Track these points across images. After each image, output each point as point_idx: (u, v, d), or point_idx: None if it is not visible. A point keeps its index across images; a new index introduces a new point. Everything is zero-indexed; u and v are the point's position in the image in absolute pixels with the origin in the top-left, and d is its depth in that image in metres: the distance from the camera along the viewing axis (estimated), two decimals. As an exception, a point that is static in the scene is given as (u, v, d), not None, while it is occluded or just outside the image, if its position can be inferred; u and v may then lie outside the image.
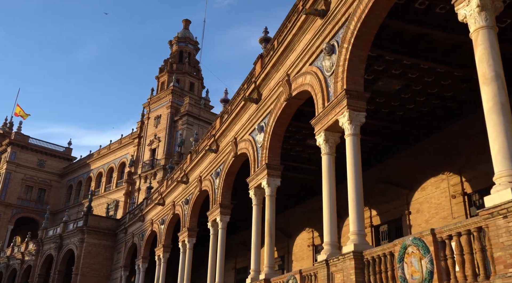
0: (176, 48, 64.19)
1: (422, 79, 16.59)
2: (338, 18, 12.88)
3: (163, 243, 32.04)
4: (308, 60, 14.71)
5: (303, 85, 14.87)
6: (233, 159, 21.53)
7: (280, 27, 17.52)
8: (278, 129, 17.21)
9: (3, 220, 71.48)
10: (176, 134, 56.46)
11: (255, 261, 17.58)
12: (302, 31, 15.06)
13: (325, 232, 12.31)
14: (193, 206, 27.32)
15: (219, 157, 23.69)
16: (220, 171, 23.14)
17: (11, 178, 73.17)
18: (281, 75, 16.72)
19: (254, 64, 20.00)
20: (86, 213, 44.73)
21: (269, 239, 16.42)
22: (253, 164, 18.57)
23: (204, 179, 25.77)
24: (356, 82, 12.05)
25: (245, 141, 20.03)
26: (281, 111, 16.65)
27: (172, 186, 31.44)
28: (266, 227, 16.69)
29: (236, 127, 21.53)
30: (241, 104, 20.29)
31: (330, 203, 12.43)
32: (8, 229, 71.97)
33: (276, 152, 17.37)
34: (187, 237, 27.23)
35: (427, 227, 20.27)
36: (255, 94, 18.83)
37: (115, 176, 65.33)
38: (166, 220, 32.30)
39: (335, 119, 12.33)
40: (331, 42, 13.24)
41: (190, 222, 27.37)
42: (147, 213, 37.40)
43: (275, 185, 17.04)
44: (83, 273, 42.25)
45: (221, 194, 22.46)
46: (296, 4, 16.22)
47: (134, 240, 39.78)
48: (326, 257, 11.65)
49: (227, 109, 23.46)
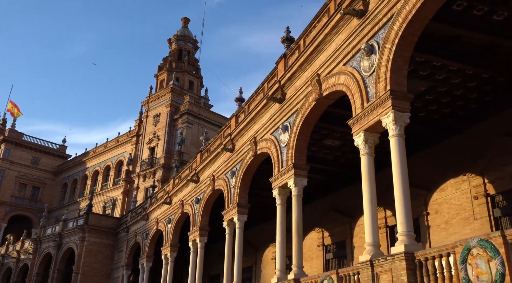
0: (175, 46, 63.90)
1: (449, 80, 16.67)
2: (378, 19, 12.88)
3: (171, 242, 31.88)
4: (342, 60, 14.70)
5: (336, 85, 14.86)
6: (251, 159, 21.48)
7: (307, 27, 17.50)
8: (305, 128, 17.20)
9: (-3, 218, 70.74)
10: (175, 133, 56.21)
11: (280, 261, 17.54)
12: (335, 31, 15.05)
13: (367, 232, 12.30)
14: (205, 205, 27.22)
15: (235, 156, 23.61)
16: (237, 170, 23.07)
17: (4, 176, 72.39)
18: (310, 75, 16.70)
19: (276, 63, 19.97)
20: (87, 212, 44.40)
21: (297, 239, 16.41)
22: (277, 163, 18.53)
23: (217, 178, 25.68)
24: (400, 82, 12.07)
25: (266, 140, 19.98)
26: (309, 111, 16.64)
27: (181, 185, 31.29)
28: (293, 226, 16.67)
29: (255, 126, 21.47)
30: (262, 104, 20.24)
31: (372, 204, 12.43)
32: (1, 227, 71.21)
33: (302, 152, 17.35)
34: (199, 236, 27.13)
35: (446, 227, 20.41)
36: (278, 94, 18.79)
37: (112, 174, 64.88)
38: (174, 219, 32.14)
39: (377, 119, 12.33)
40: (369, 42, 13.24)
41: (201, 221, 27.26)
42: (151, 212, 37.19)
43: (302, 185, 17.03)
44: (83, 272, 41.92)
45: (238, 193, 22.40)
46: (326, 4, 16.22)
47: (137, 239, 39.54)
48: (370, 257, 11.63)
49: (244, 108, 23.39)
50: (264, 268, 34.57)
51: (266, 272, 34.07)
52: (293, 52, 18.62)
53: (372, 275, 11.36)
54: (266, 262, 34.08)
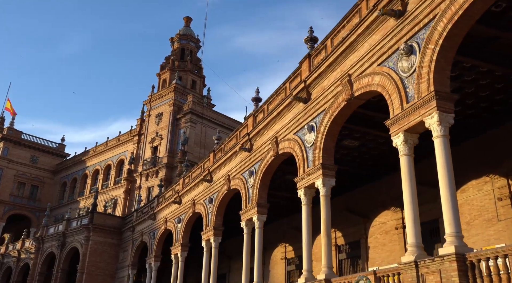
0: (177, 45, 63.69)
1: (477, 82, 16.68)
2: (419, 19, 12.87)
3: (181, 241, 31.76)
4: (377, 60, 14.68)
5: (369, 85, 14.83)
6: (272, 158, 21.43)
7: (335, 27, 17.48)
8: (333, 129, 17.17)
9: (-5, 217, 70.22)
10: (178, 132, 56.03)
11: (307, 261, 17.49)
12: (369, 32, 15.03)
13: (410, 233, 12.26)
14: (219, 204, 27.14)
15: (253, 156, 23.55)
16: (256, 170, 23.00)
17: (3, 174, 71.93)
18: (339, 75, 16.67)
19: (299, 63, 19.93)
20: (91, 211, 44.15)
21: (326, 239, 16.37)
22: (302, 163, 18.49)
23: (233, 178, 25.60)
24: (443, 83, 12.06)
25: (289, 140, 19.93)
26: (338, 111, 16.61)
27: (192, 185, 31.17)
28: (322, 227, 16.64)
29: (276, 126, 21.42)
30: (285, 103, 20.18)
31: (414, 205, 12.39)
32: (0, 226, 70.67)
33: (330, 152, 17.33)
34: (213, 235, 27.05)
35: (468, 229, 20.43)
36: (304, 94, 18.75)
37: (113, 173, 64.59)
38: (184, 218, 32.02)
39: (419, 120, 12.31)
40: (408, 42, 13.22)
41: (215, 221, 27.18)
42: (159, 211, 37.04)
43: (330, 185, 17.00)
44: (88, 272, 41.68)
45: (257, 193, 22.35)
46: (357, 4, 16.19)
47: (144, 239, 39.37)
48: (414, 258, 11.60)
49: (263, 108, 23.33)
50: (272, 268, 34.53)
51: (275, 272, 34.05)
52: (318, 52, 18.59)
53: (416, 276, 11.33)
54: (275, 262, 34.04)
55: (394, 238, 24.29)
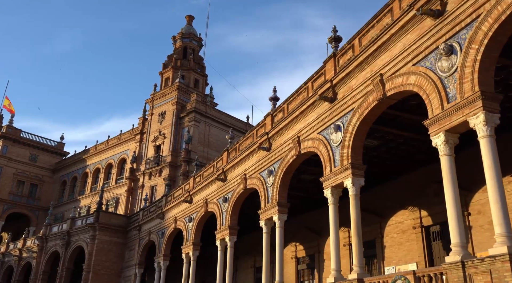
0: (180, 43, 63.50)
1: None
2: (461, 19, 12.87)
3: (193, 240, 31.68)
4: (412, 60, 14.67)
5: (404, 85, 14.82)
6: (294, 158, 21.39)
7: (363, 27, 17.46)
8: (362, 128, 17.17)
9: (-5, 216, 69.75)
10: (182, 131, 55.86)
11: (335, 261, 17.47)
12: (403, 31, 15.02)
13: (454, 234, 12.24)
14: (234, 204, 27.09)
15: (272, 155, 23.50)
16: (275, 169, 22.96)
17: (2, 173, 71.53)
18: (369, 75, 16.65)
19: (324, 63, 19.90)
20: (97, 209, 43.92)
21: (357, 239, 16.37)
22: (328, 163, 18.47)
23: (250, 177, 25.55)
24: (487, 83, 12.07)
25: (313, 139, 19.90)
26: (368, 111, 16.59)
27: (204, 184, 31.08)
28: (352, 227, 16.64)
29: (298, 125, 21.38)
30: (309, 103, 20.15)
31: (457, 206, 12.39)
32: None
33: (359, 152, 17.32)
34: (228, 235, 26.99)
35: (491, 228, 20.45)
36: (329, 93, 18.72)
37: (115, 172, 64.34)
38: (196, 218, 31.93)
39: (463, 120, 12.31)
40: (448, 42, 13.22)
41: (231, 220, 27.13)
42: (168, 210, 36.91)
43: (359, 184, 17.01)
44: (95, 271, 41.50)
45: (278, 192, 22.31)
46: (388, 3, 16.18)
47: (151, 238, 39.22)
48: (461, 258, 11.60)
49: (282, 107, 23.29)
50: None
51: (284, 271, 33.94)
52: (345, 51, 18.57)
53: (464, 276, 11.33)
54: (285, 261, 33.89)
55: (412, 237, 24.32)
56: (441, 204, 22.47)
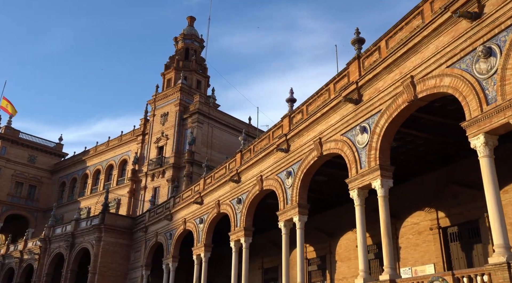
0: (182, 45, 63.43)
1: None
2: (500, 21, 12.98)
3: (204, 242, 31.64)
4: (446, 62, 14.77)
5: (437, 87, 14.91)
6: (315, 159, 21.45)
7: (391, 29, 17.56)
8: (390, 130, 17.25)
9: (-7, 218, 69.24)
10: (185, 132, 55.76)
11: (363, 262, 17.53)
12: (436, 33, 15.11)
13: (496, 234, 12.32)
14: (249, 205, 27.10)
15: (291, 157, 23.53)
16: (294, 171, 23.00)
17: (1, 174, 71.16)
18: (398, 77, 16.75)
19: (347, 64, 19.99)
20: (102, 211, 43.73)
21: (387, 240, 16.45)
22: (354, 164, 18.54)
23: (266, 178, 25.58)
24: (531, 85, 12.17)
25: (336, 141, 19.97)
26: (397, 113, 16.67)
27: (216, 185, 31.05)
28: (382, 228, 16.71)
29: (319, 127, 21.43)
30: (332, 104, 20.21)
31: (498, 206, 12.46)
32: (-2, 226, 69.78)
33: (386, 154, 17.40)
34: (244, 236, 27.00)
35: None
36: (355, 95, 18.79)
37: (116, 173, 64.10)
38: (207, 219, 31.90)
39: (505, 121, 12.41)
40: (487, 44, 13.32)
41: (246, 222, 27.14)
42: (176, 212, 36.83)
43: (388, 186, 17.10)
44: (101, 272, 41.29)
45: (298, 193, 22.34)
46: (418, 6, 16.29)
47: (158, 239, 39.12)
48: (506, 259, 11.68)
49: (301, 109, 23.34)
50: (291, 268, 34.39)
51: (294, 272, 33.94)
52: (370, 53, 18.66)
53: (510, 277, 11.41)
54: (294, 263, 33.94)
55: (429, 238, 24.41)
56: (459, 205, 22.77)
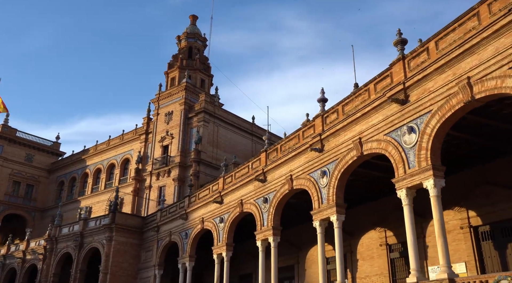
0: (185, 43, 63.23)
1: None
2: None
3: (226, 241, 31.65)
4: (508, 63, 15.00)
5: (498, 88, 15.16)
6: (354, 159, 21.62)
7: (441, 31, 17.76)
8: (442, 130, 17.47)
9: (-10, 218, 68.39)
10: (190, 131, 55.63)
11: (415, 261, 17.75)
12: (496, 35, 15.35)
13: None
14: (277, 204, 27.22)
15: (325, 156, 23.68)
16: (330, 170, 23.15)
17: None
18: (452, 78, 16.97)
19: (390, 65, 20.18)
20: (113, 210, 43.47)
21: (442, 239, 16.67)
22: (401, 164, 18.73)
23: (297, 178, 25.71)
24: None
25: (379, 141, 20.15)
26: (451, 113, 16.89)
27: (239, 184, 31.10)
28: (436, 227, 16.92)
29: (358, 127, 21.60)
30: (374, 104, 20.40)
31: None
32: (-4, 227, 68.93)
33: (437, 154, 17.63)
34: (272, 235, 27.10)
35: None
36: (401, 95, 18.99)
37: (118, 172, 63.70)
38: (228, 218, 31.92)
39: None
40: (555, 47, 13.60)
41: (274, 221, 27.23)
42: (192, 211, 36.77)
43: (441, 185, 17.32)
44: (112, 272, 41.07)
45: (335, 193, 22.51)
46: (473, 7, 16.51)
47: (172, 238, 39.01)
48: None
49: (336, 109, 23.51)
50: (309, 267, 34.70)
51: (312, 271, 34.20)
52: (417, 54, 18.87)
53: None
54: (312, 261, 34.21)
55: (459, 237, 24.70)
56: (491, 205, 23.08)
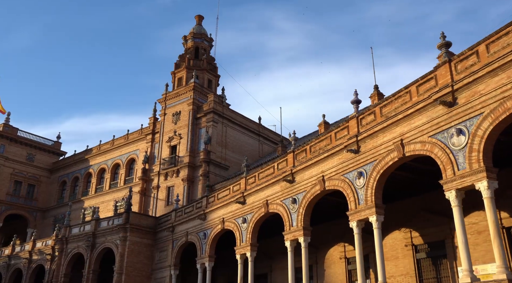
0: (191, 43, 63.25)
1: None
2: None
3: (250, 241, 31.79)
4: None
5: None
6: (395, 160, 21.85)
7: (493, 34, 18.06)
8: (494, 133, 17.76)
9: (-8, 218, 67.80)
10: (199, 132, 55.64)
11: (467, 262, 17.99)
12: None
13: None
14: (308, 205, 27.40)
15: (362, 157, 23.89)
16: (367, 172, 23.37)
17: (0, 173, 69.46)
18: (505, 81, 17.27)
19: (435, 68, 20.44)
20: (127, 210, 43.29)
21: (498, 240, 16.93)
22: (450, 166, 18.98)
23: (329, 178, 25.90)
24: None
25: (424, 143, 20.41)
26: (506, 116, 17.17)
27: (264, 185, 31.21)
28: (492, 228, 17.19)
29: (398, 128, 21.83)
30: (418, 106, 20.65)
31: None
32: (-2, 227, 68.39)
33: (489, 155, 17.92)
34: (303, 235, 27.26)
35: None
36: (449, 97, 19.26)
37: (123, 172, 63.49)
38: (252, 218, 32.04)
39: None
40: None
41: (304, 221, 27.42)
42: (212, 211, 36.80)
43: (494, 187, 17.59)
44: (127, 272, 40.94)
45: (374, 194, 22.73)
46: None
47: (190, 239, 38.99)
48: None
49: (373, 110, 23.74)
50: (328, 267, 34.89)
51: (331, 271, 34.41)
52: (465, 57, 19.15)
53: None
54: (331, 262, 34.42)
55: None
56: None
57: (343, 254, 33.55)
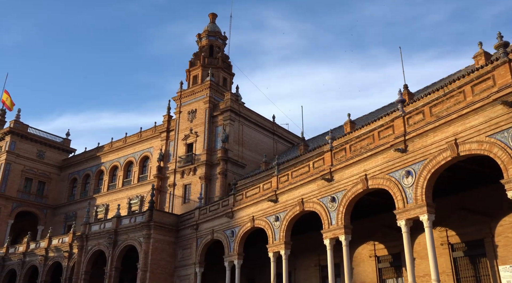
0: (206, 42, 63.17)
1: None
2: None
3: (284, 239, 31.87)
4: None
5: None
6: (448, 159, 21.97)
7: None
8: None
9: (3, 214, 67.83)
10: (215, 130, 55.61)
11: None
12: None
13: None
14: (348, 203, 27.51)
15: (410, 156, 24.00)
16: (416, 171, 23.49)
17: (11, 170, 69.48)
18: None
19: (493, 68, 20.56)
20: (150, 208, 43.25)
21: None
22: (510, 166, 19.15)
23: (372, 177, 26.01)
24: None
25: (481, 142, 20.54)
26: None
27: (299, 184, 31.29)
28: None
29: (451, 128, 21.91)
30: (475, 106, 20.77)
31: None
32: (9, 223, 68.22)
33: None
34: (344, 234, 27.36)
35: None
36: (510, 97, 19.40)
37: (136, 170, 63.37)
38: (285, 217, 32.11)
39: None
40: None
41: (345, 220, 27.52)
42: (240, 209, 36.84)
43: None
44: (151, 270, 40.94)
45: (425, 193, 22.86)
46: None
47: (215, 237, 39.03)
48: None
49: (421, 110, 23.86)
50: (357, 265, 35.01)
51: (361, 270, 34.54)
52: (527, 57, 19.31)
53: None
54: (360, 260, 34.55)
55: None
56: None
57: (373, 252, 33.68)
